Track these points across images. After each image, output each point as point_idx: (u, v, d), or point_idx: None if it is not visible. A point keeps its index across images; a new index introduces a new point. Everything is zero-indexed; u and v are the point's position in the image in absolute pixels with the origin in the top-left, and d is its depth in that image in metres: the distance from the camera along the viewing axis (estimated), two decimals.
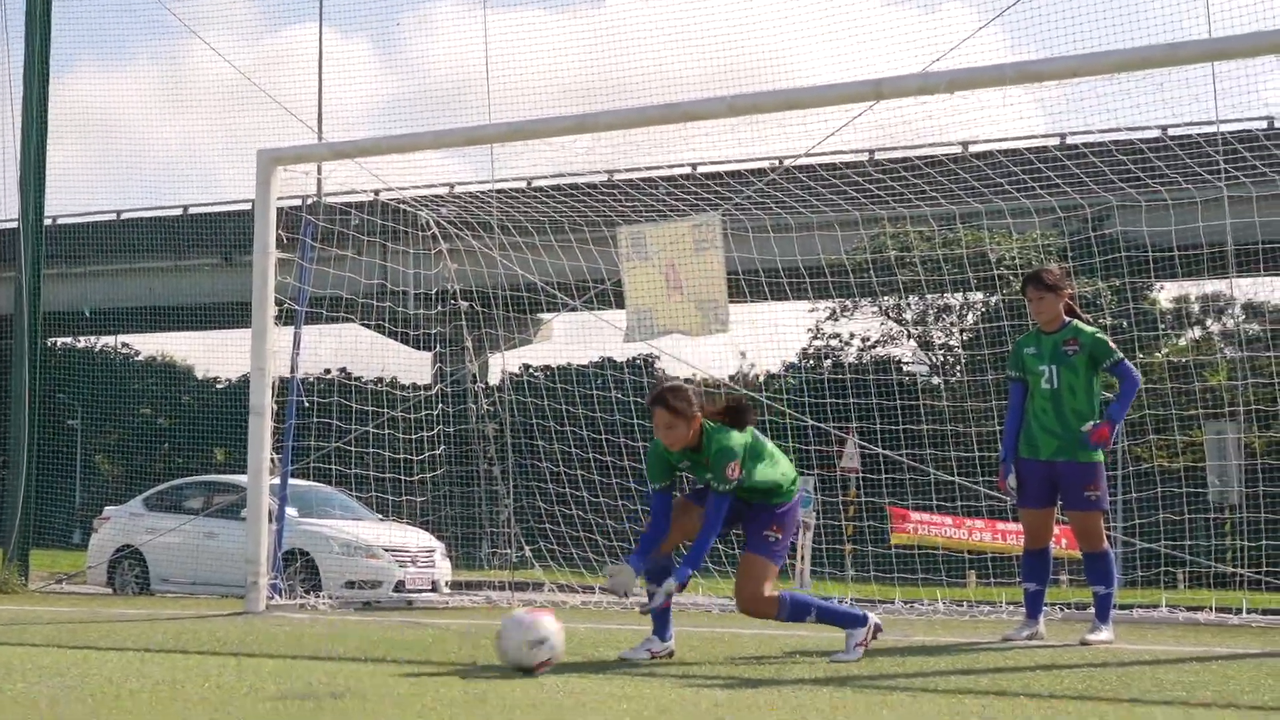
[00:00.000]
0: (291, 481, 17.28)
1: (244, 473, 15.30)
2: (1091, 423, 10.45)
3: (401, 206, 17.96)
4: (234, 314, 28.82)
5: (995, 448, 11.77)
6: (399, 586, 19.40)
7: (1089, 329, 10.78)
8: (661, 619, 9.25)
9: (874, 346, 42.58)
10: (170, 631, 11.49)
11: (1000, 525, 18.99)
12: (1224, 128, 17.40)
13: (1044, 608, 11.16)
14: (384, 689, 7.05)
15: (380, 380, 28.02)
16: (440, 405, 19.10)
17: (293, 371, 16.51)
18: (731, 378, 29.86)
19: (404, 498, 19.20)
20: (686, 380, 9.02)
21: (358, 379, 22.65)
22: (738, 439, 8.78)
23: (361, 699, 6.59)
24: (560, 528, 18.75)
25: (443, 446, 18.90)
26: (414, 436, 18.87)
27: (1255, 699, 6.99)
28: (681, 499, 9.18)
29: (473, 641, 10.43)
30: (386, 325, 19.59)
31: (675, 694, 6.94)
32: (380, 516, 20.52)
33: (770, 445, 9.10)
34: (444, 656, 9.14)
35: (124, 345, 56.57)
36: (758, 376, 39.18)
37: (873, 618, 9.10)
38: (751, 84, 21.82)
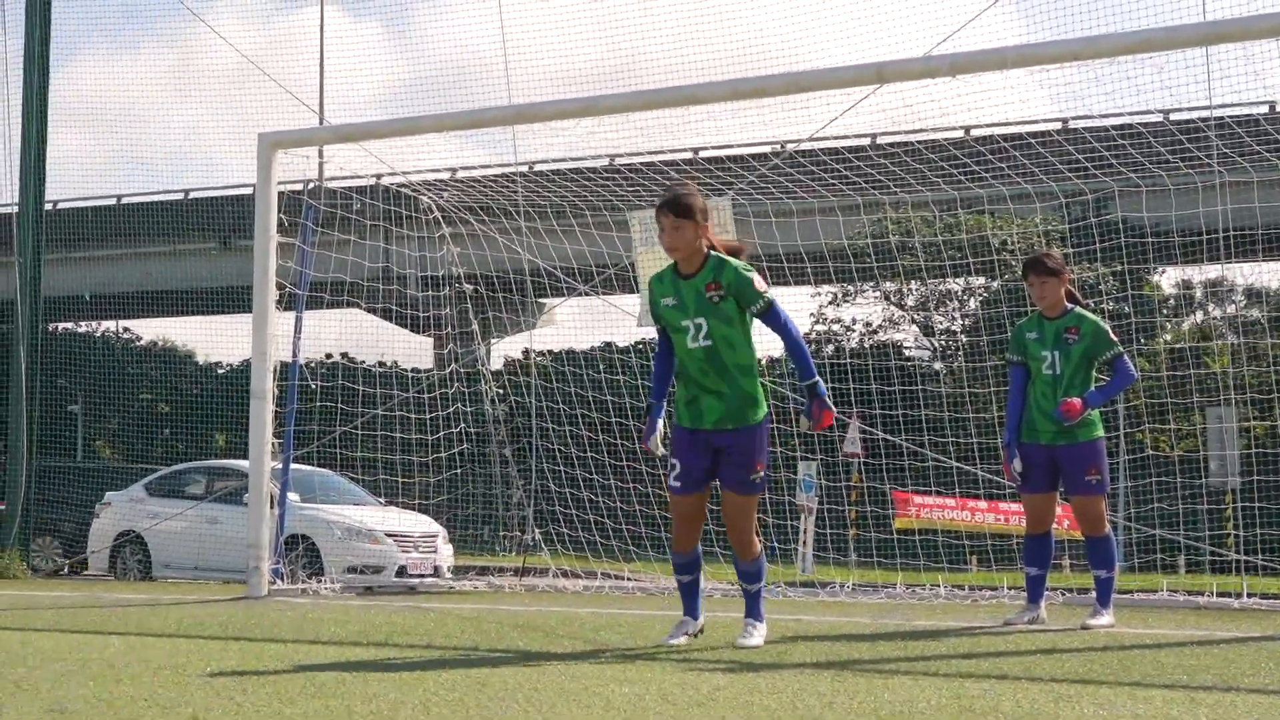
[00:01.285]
0: (293, 466, 17.30)
1: (245, 458, 15.31)
2: (1067, 397, 10.47)
3: (403, 190, 17.96)
4: (235, 298, 28.80)
5: (996, 432, 11.79)
6: (401, 571, 19.44)
7: (1092, 317, 10.77)
8: (691, 598, 8.93)
9: (876, 332, 42.56)
10: (172, 616, 11.51)
11: (1003, 506, 19.04)
12: (1224, 112, 17.39)
13: (1045, 592, 11.17)
14: (386, 673, 7.06)
15: (382, 364, 28.03)
16: (455, 386, 19.11)
17: (294, 356, 16.52)
18: None
19: (413, 479, 19.19)
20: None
21: (360, 363, 22.66)
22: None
23: (363, 683, 6.59)
24: (570, 510, 18.79)
25: (460, 426, 18.91)
26: (420, 419, 18.88)
27: (1256, 682, 7.00)
28: (695, 498, 8.62)
29: (475, 626, 10.44)
30: (391, 309, 19.61)
31: (676, 678, 6.94)
32: (383, 501, 20.54)
33: None
34: (446, 641, 9.15)
35: (124, 330, 56.58)
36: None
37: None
38: (759, 68, 21.81)
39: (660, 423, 8.66)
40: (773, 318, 8.48)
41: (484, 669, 7.32)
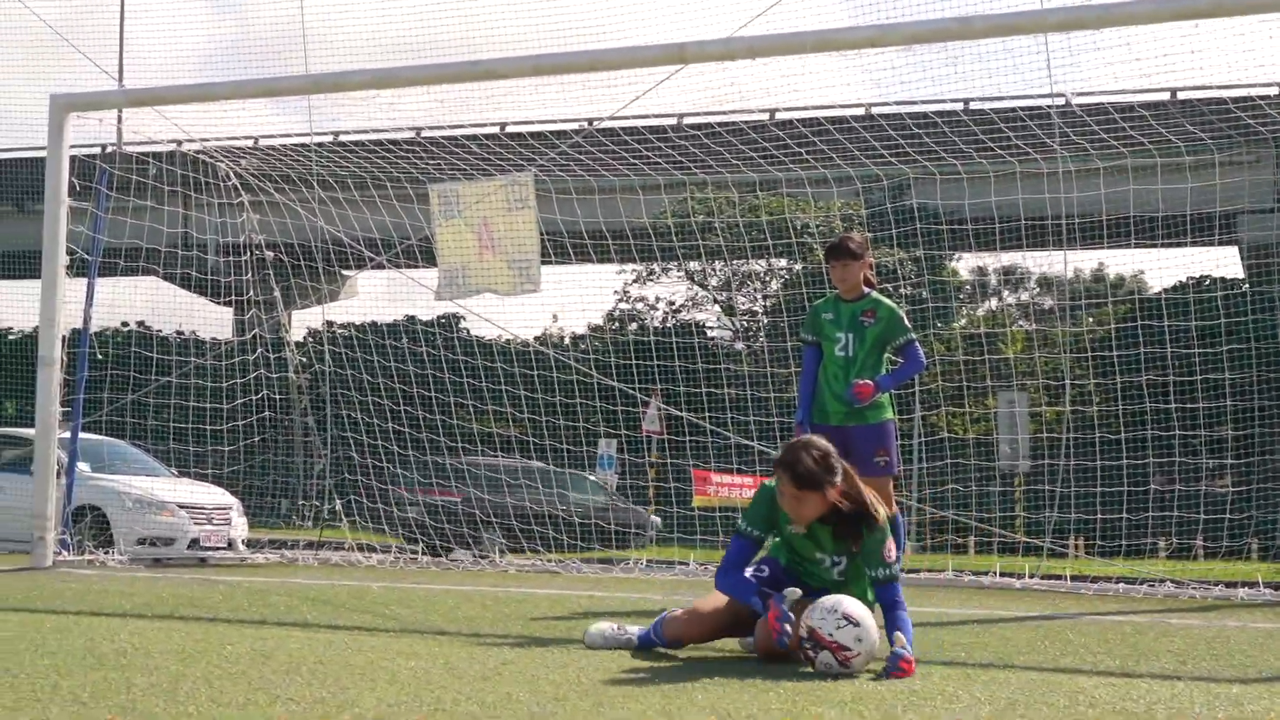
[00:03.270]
0: (84, 435, 16.95)
1: (33, 426, 14.98)
2: (859, 379, 10.62)
3: (201, 157, 17.68)
4: (28, 263, 28.18)
5: (794, 413, 11.95)
6: (193, 544, 19.15)
7: (888, 302, 10.93)
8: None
9: (679, 311, 42.85)
10: None
11: None
12: (1017, 103, 17.77)
13: None
14: (169, 646, 6.96)
15: (180, 333, 27.55)
16: (259, 352, 18.87)
17: (85, 323, 16.19)
18: (538, 338, 29.92)
19: (206, 450, 18.92)
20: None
21: (156, 331, 22.32)
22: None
23: (145, 655, 6.50)
24: (371, 482, 18.70)
25: (264, 392, 18.67)
26: (217, 387, 18.62)
27: (1031, 660, 7.19)
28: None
29: (264, 599, 10.34)
30: (190, 276, 19.30)
31: (464, 652, 6.95)
32: (176, 472, 20.22)
33: None
34: (233, 614, 9.05)
35: None
36: (564, 338, 39.36)
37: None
38: (564, 44, 21.83)
39: None
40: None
41: (270, 642, 7.26)
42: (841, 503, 7.03)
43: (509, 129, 21.13)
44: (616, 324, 41.96)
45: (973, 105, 18.81)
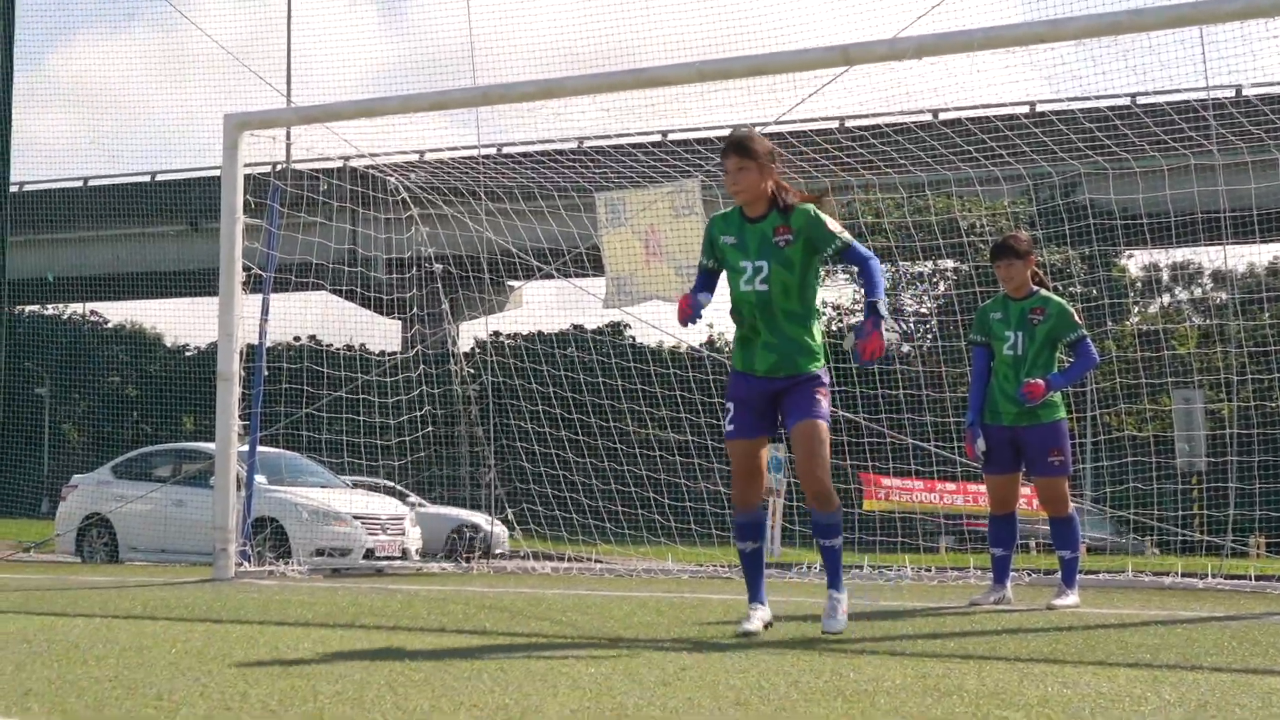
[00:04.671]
0: (261, 449, 17.26)
1: (212, 440, 15.27)
2: (1030, 378, 10.51)
3: (370, 172, 17.91)
4: (204, 281, 28.77)
5: (966, 413, 11.90)
6: (369, 554, 19.41)
7: (1057, 299, 10.83)
8: (756, 574, 8.33)
9: (847, 313, 42.62)
10: (138, 598, 11.46)
11: (971, 487, 19.10)
12: (1190, 95, 17.44)
13: (1011, 572, 11.21)
14: (352, 654, 7.04)
15: (350, 347, 27.96)
16: (421, 368, 19.09)
17: (260, 338, 16.47)
18: (703, 344, 29.91)
19: (378, 462, 19.18)
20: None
21: (327, 346, 22.65)
22: None
23: (329, 663, 6.58)
24: (545, 489, 18.80)
25: (427, 408, 18.90)
26: (389, 400, 18.87)
27: (1219, 661, 7.04)
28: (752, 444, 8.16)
29: (442, 607, 10.44)
30: (358, 291, 19.56)
31: (643, 658, 6.95)
32: (350, 483, 20.50)
33: None
34: (412, 622, 9.14)
35: (92, 313, 56.39)
36: (727, 343, 39.34)
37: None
38: (726, 50, 21.81)
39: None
40: (857, 248, 8.02)
41: (451, 649, 7.32)
42: (776, 186, 8.06)
43: (673, 136, 21.12)
44: None
45: (1143, 99, 18.49)
